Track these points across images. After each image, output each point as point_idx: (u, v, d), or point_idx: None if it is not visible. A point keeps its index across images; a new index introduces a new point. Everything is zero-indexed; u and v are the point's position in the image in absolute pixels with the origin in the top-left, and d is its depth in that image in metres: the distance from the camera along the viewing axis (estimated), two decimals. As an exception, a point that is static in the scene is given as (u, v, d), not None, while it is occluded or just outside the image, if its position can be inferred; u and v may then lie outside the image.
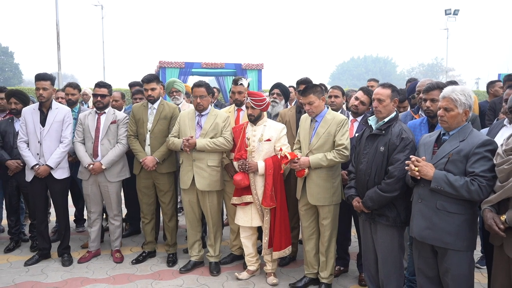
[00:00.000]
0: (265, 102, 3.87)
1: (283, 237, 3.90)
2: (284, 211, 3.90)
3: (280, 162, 3.74)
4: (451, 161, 2.69)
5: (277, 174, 3.82)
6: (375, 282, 3.36)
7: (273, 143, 3.87)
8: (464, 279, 2.70)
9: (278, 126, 3.96)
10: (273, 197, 3.80)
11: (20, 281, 4.02)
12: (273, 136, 3.87)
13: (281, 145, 3.84)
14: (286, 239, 3.94)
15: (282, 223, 3.88)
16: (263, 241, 3.96)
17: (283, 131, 3.92)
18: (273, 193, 3.80)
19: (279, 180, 3.86)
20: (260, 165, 3.81)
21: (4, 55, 53.67)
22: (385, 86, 3.21)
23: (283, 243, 3.91)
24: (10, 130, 4.73)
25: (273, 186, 3.80)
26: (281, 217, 3.87)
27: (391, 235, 3.14)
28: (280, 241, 3.88)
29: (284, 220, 3.91)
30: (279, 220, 3.86)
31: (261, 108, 3.88)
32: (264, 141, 3.87)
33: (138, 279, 4.10)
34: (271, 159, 3.84)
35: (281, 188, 3.88)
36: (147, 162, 4.31)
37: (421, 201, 2.80)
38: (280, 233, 3.88)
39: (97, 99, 4.46)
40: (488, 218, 2.42)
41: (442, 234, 2.69)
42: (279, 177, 3.86)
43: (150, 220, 4.64)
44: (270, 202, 3.79)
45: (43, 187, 4.43)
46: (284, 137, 3.92)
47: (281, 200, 3.86)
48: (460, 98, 2.73)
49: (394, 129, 3.11)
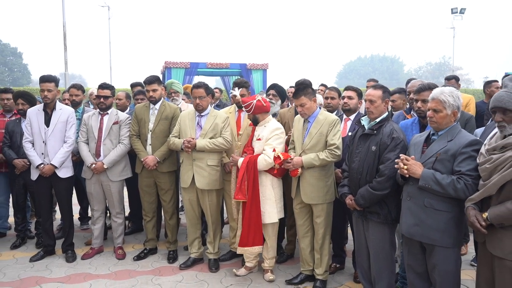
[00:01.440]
0: (251, 105, 3.94)
1: (251, 235, 3.89)
2: (255, 209, 3.88)
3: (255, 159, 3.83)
4: (439, 160, 2.77)
5: (251, 169, 3.83)
6: (367, 278, 3.45)
7: (263, 142, 3.95)
8: (450, 275, 2.79)
9: (271, 126, 3.97)
10: (243, 190, 3.83)
11: (25, 276, 4.16)
12: (264, 135, 3.96)
13: (266, 144, 3.88)
14: (255, 238, 3.90)
15: (251, 220, 3.88)
16: (237, 235, 4.06)
17: (275, 131, 3.93)
18: (244, 187, 3.84)
19: (252, 176, 3.84)
20: (240, 160, 3.93)
21: (13, 56, 54.30)
22: (376, 88, 3.30)
23: (250, 240, 3.90)
24: (18, 130, 4.88)
25: (246, 181, 3.83)
26: (251, 214, 3.86)
27: (382, 232, 3.23)
28: (247, 237, 3.90)
29: (255, 218, 3.88)
30: (248, 216, 3.87)
31: (251, 112, 3.96)
32: (256, 140, 3.99)
33: (139, 275, 4.22)
34: (249, 156, 3.92)
35: (254, 185, 3.86)
36: (148, 161, 4.42)
37: (409, 199, 2.89)
38: (248, 230, 3.89)
39: (100, 100, 4.58)
40: (470, 215, 2.49)
41: (430, 231, 2.77)
42: (253, 174, 3.84)
43: (152, 218, 4.76)
44: (238, 194, 3.85)
45: (47, 185, 4.56)
46: (275, 137, 3.91)
47: (252, 197, 3.87)
48: (448, 100, 2.81)
49: (385, 129, 3.20)
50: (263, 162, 3.82)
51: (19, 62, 54.89)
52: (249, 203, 3.86)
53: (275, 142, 3.89)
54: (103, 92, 4.59)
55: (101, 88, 4.62)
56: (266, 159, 3.82)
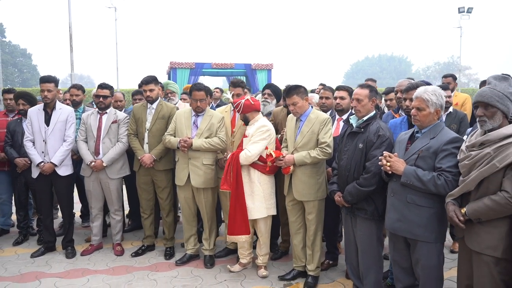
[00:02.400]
0: (240, 105, 4.04)
1: (237, 223, 4.00)
2: (240, 199, 3.97)
3: (266, 160, 3.91)
4: (421, 157, 2.84)
5: (234, 163, 3.94)
6: (356, 274, 3.52)
7: (249, 139, 4.02)
8: (433, 269, 2.85)
9: (258, 124, 4.02)
10: (228, 181, 3.95)
11: (25, 272, 4.28)
12: (250, 133, 4.04)
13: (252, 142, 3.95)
14: (241, 227, 4.00)
15: (236, 209, 3.97)
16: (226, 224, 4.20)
17: (260, 129, 3.96)
18: (229, 178, 3.95)
19: (235, 169, 3.94)
20: (228, 155, 4.06)
21: (23, 57, 54.97)
22: (363, 87, 3.37)
23: (236, 229, 4.01)
24: (19, 130, 5.01)
25: (231, 172, 3.94)
26: (236, 204, 3.97)
27: (369, 228, 3.29)
28: (233, 225, 4.01)
29: (240, 208, 3.97)
30: (233, 206, 3.98)
31: (240, 111, 4.06)
32: (243, 137, 4.10)
33: (136, 270, 4.32)
34: (237, 150, 4.04)
35: (237, 178, 3.96)
36: (145, 160, 4.52)
37: (393, 195, 2.95)
38: (235, 219, 4.00)
39: (99, 100, 4.69)
40: (449, 210, 2.56)
41: (412, 226, 2.84)
42: (236, 167, 3.94)
43: (149, 215, 4.86)
44: (224, 185, 3.97)
45: (48, 183, 4.68)
46: (257, 134, 3.94)
47: (237, 188, 3.97)
48: (431, 98, 2.87)
49: (372, 127, 3.27)
50: (243, 156, 3.92)
51: (29, 63, 55.55)
52: (233, 194, 3.97)
53: (257, 138, 3.94)
54: (102, 91, 4.70)
55: (100, 88, 4.73)
56: (246, 153, 3.92)
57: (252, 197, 4.00)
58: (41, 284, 3.99)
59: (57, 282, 4.04)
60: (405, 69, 73.70)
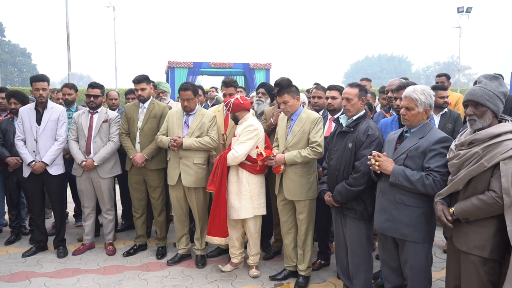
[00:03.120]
0: (229, 104, 4.04)
1: (215, 225, 3.97)
2: (222, 201, 3.93)
3: (257, 159, 3.88)
4: (409, 157, 2.81)
5: (221, 164, 3.91)
6: (346, 273, 3.50)
7: (236, 139, 4.00)
8: (421, 269, 2.82)
9: (246, 124, 4.00)
10: (215, 182, 3.92)
11: (16, 271, 4.25)
12: (238, 133, 4.02)
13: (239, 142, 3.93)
14: (218, 229, 3.96)
15: (217, 211, 3.94)
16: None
17: (247, 128, 3.93)
18: (216, 179, 3.91)
19: (221, 170, 3.91)
20: None
21: (22, 56, 55.01)
22: (352, 86, 3.34)
23: (213, 230, 3.97)
24: (11, 129, 4.98)
25: (215, 173, 3.92)
26: (217, 205, 3.93)
27: (359, 228, 3.27)
28: (211, 226, 3.98)
29: (221, 209, 3.93)
30: (214, 206, 3.94)
31: (230, 110, 4.04)
32: (233, 137, 4.08)
33: (127, 270, 4.29)
34: (225, 151, 4.02)
35: (222, 179, 3.92)
36: (136, 159, 4.50)
37: (382, 195, 2.93)
38: (213, 218, 3.96)
39: (90, 99, 4.66)
40: (438, 210, 2.53)
41: (401, 226, 2.81)
42: (222, 168, 3.91)
43: (141, 214, 4.84)
44: (210, 185, 3.94)
45: (39, 182, 4.66)
46: (245, 133, 3.92)
47: (220, 190, 3.92)
48: (420, 98, 2.84)
49: (361, 126, 3.24)
50: (230, 157, 3.90)
51: (28, 63, 55.59)
52: (216, 195, 3.93)
53: (244, 138, 3.91)
54: (93, 91, 4.67)
55: (91, 88, 4.70)
56: (233, 153, 3.89)
57: (239, 197, 3.97)
58: (31, 284, 3.97)
59: (47, 281, 4.02)
60: (405, 69, 73.67)
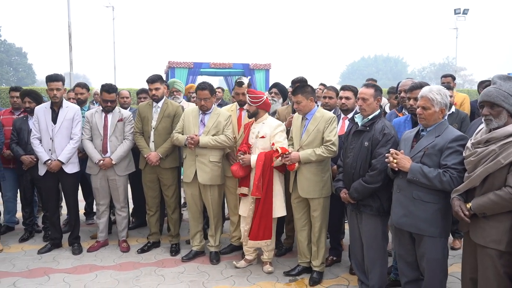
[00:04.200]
0: (260, 100, 4.09)
1: (261, 229, 4.05)
2: (268, 204, 4.04)
3: (271, 156, 3.98)
4: (426, 154, 2.92)
5: (267, 167, 4.02)
6: (361, 268, 3.60)
7: (268, 139, 4.09)
8: (438, 263, 2.94)
9: (273, 123, 4.14)
10: (259, 187, 3.99)
11: (33, 267, 4.33)
12: (267, 133, 4.10)
13: (275, 141, 4.03)
14: (265, 232, 4.07)
15: (263, 215, 4.04)
16: (244, 229, 4.22)
17: (278, 128, 4.09)
18: (260, 183, 3.99)
19: (268, 173, 4.03)
20: (252, 158, 4.06)
21: (18, 56, 54.77)
22: (368, 86, 3.45)
23: (260, 235, 4.06)
24: (25, 127, 5.05)
25: (261, 178, 3.99)
26: (264, 209, 4.03)
27: (375, 224, 3.38)
28: (257, 231, 4.06)
29: (267, 213, 4.04)
30: (260, 211, 4.03)
31: (257, 105, 4.11)
32: (259, 137, 4.12)
33: (143, 266, 4.38)
34: (264, 153, 4.06)
35: (269, 182, 4.04)
36: (151, 158, 4.59)
37: (399, 191, 3.04)
38: (259, 224, 4.04)
39: (107, 104, 4.69)
40: (455, 205, 2.65)
41: (418, 222, 2.92)
42: (269, 171, 4.03)
43: (155, 212, 4.93)
44: (255, 191, 4.00)
45: (55, 180, 4.74)
46: (280, 134, 4.07)
47: (267, 193, 4.02)
48: (436, 98, 2.96)
49: (377, 125, 3.35)
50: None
51: (24, 62, 55.34)
52: (263, 199, 4.02)
53: (281, 138, 4.04)
54: (109, 96, 4.68)
55: (108, 93, 4.68)
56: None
57: (274, 197, 4.09)
58: (50, 280, 4.05)
59: (65, 277, 4.10)
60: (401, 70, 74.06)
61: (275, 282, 4.02)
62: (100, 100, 4.74)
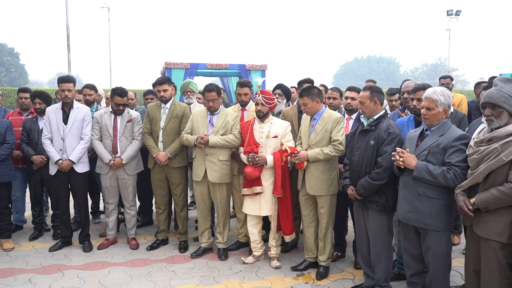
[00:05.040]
0: (274, 101, 4.30)
1: (289, 224, 4.34)
2: (289, 200, 4.31)
3: (282, 155, 4.14)
4: (431, 153, 3.09)
5: (284, 166, 4.23)
6: (367, 262, 3.76)
7: (280, 139, 4.27)
8: (442, 255, 3.10)
9: (284, 123, 4.34)
10: (282, 186, 4.20)
11: (46, 264, 4.44)
12: (279, 133, 4.27)
13: (286, 141, 4.23)
14: (292, 226, 4.39)
15: (289, 211, 4.31)
16: (272, 226, 4.37)
17: (288, 128, 4.31)
18: (282, 183, 4.20)
19: (286, 172, 4.27)
20: (269, 158, 4.20)
21: (10, 56, 54.48)
22: (365, 89, 3.63)
23: (291, 229, 4.37)
24: (35, 128, 5.16)
25: (281, 179, 4.19)
26: (288, 205, 4.29)
27: (380, 219, 3.54)
28: (286, 225, 4.33)
29: (290, 208, 4.33)
30: (286, 208, 4.28)
31: (270, 106, 4.29)
32: (271, 137, 4.27)
33: (153, 262, 4.51)
34: (279, 153, 4.23)
35: (288, 180, 4.29)
36: (160, 157, 4.71)
37: (405, 188, 3.20)
38: (288, 220, 4.32)
39: (119, 108, 4.79)
40: (459, 200, 2.82)
41: (423, 217, 3.08)
42: (285, 170, 4.27)
43: (164, 210, 5.06)
44: (280, 191, 4.20)
45: (65, 180, 4.85)
46: (289, 133, 4.30)
47: (288, 191, 4.28)
48: (440, 99, 3.12)
49: (382, 125, 3.51)
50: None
51: (16, 63, 55.04)
52: (285, 197, 4.27)
53: (290, 137, 4.30)
54: (122, 100, 4.78)
55: (120, 97, 4.76)
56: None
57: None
58: (64, 276, 4.16)
59: (79, 273, 4.21)
60: (394, 70, 74.64)
61: (283, 277, 4.17)
62: (112, 103, 4.83)
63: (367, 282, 3.77)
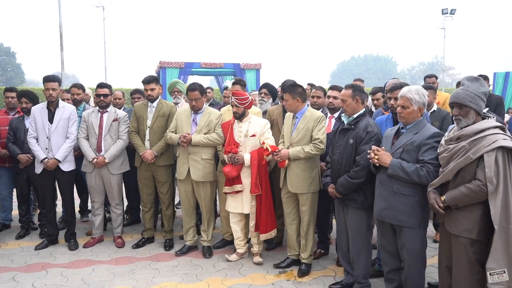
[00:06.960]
0: (247, 100, 4.30)
1: (268, 222, 4.34)
2: (268, 198, 4.33)
3: (262, 153, 4.18)
4: (405, 150, 3.13)
5: (261, 164, 4.26)
6: (347, 259, 3.81)
7: (258, 137, 4.31)
8: (417, 252, 3.15)
9: (262, 122, 4.39)
10: (258, 184, 4.23)
11: (31, 262, 4.47)
12: (257, 131, 4.31)
13: (265, 138, 4.27)
14: (271, 223, 4.38)
15: (267, 208, 4.31)
16: (250, 225, 4.40)
17: (267, 126, 4.36)
18: (257, 181, 4.23)
19: (263, 170, 4.30)
20: (246, 157, 4.25)
21: (6, 55, 54.26)
22: (347, 87, 3.67)
23: (268, 227, 4.35)
24: (21, 127, 5.18)
25: (258, 175, 4.23)
26: (266, 203, 4.30)
27: (359, 217, 3.58)
28: (266, 224, 4.33)
29: (269, 206, 4.34)
30: (264, 206, 4.29)
31: (244, 106, 4.31)
32: (249, 136, 4.31)
33: (138, 260, 4.55)
34: (256, 152, 4.27)
35: (265, 178, 4.31)
36: (146, 156, 4.75)
37: (381, 186, 3.25)
38: (266, 218, 4.32)
39: (100, 99, 4.88)
40: (431, 198, 2.86)
41: (398, 214, 3.13)
42: (263, 167, 4.30)
43: (150, 208, 5.09)
44: (255, 189, 4.23)
45: (51, 178, 4.88)
46: (268, 131, 4.35)
47: (265, 188, 4.29)
48: (414, 97, 3.16)
49: (361, 124, 3.55)
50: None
51: (13, 62, 54.85)
52: (264, 195, 4.28)
53: (270, 135, 4.34)
54: (102, 90, 4.89)
55: (100, 87, 4.90)
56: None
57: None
58: (48, 274, 4.19)
59: (63, 271, 4.24)
60: (391, 69, 74.68)
61: (265, 274, 4.21)
62: (95, 97, 4.90)
63: (346, 279, 3.82)
